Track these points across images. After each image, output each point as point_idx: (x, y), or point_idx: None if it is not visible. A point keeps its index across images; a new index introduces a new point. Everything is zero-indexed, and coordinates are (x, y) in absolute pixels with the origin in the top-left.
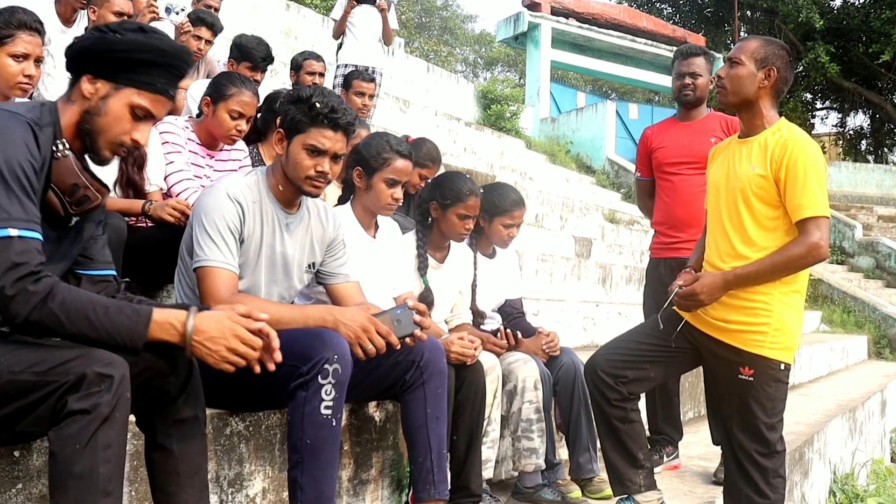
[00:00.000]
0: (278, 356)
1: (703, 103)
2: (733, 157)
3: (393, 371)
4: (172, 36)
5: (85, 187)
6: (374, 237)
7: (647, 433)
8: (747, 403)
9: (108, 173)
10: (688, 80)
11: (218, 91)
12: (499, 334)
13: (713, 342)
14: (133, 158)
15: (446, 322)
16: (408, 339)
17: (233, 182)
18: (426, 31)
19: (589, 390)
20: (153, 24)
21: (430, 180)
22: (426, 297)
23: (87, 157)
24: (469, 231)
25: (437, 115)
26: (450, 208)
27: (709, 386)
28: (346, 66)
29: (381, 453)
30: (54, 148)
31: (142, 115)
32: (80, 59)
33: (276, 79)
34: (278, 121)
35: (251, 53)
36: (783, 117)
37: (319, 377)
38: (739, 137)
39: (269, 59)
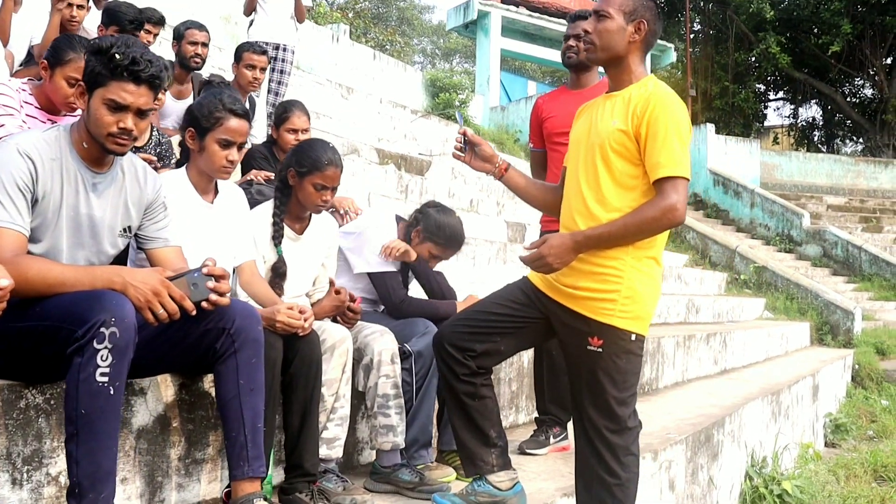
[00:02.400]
0: None
1: (593, 70)
2: (596, 112)
3: (203, 339)
4: (48, 6)
5: None
6: (212, 203)
7: (536, 413)
8: (596, 376)
9: None
10: (571, 42)
11: (55, 55)
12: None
13: (562, 310)
14: None
15: (308, 296)
16: (204, 304)
17: (26, 137)
18: (383, 21)
19: (437, 364)
20: None
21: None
22: (279, 268)
23: None
24: (326, 202)
25: (382, 102)
26: (307, 177)
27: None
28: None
29: (218, 431)
30: None
31: None
32: None
33: (212, 62)
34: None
35: (118, 17)
36: (653, 75)
37: (95, 342)
38: (607, 92)
39: (136, 22)
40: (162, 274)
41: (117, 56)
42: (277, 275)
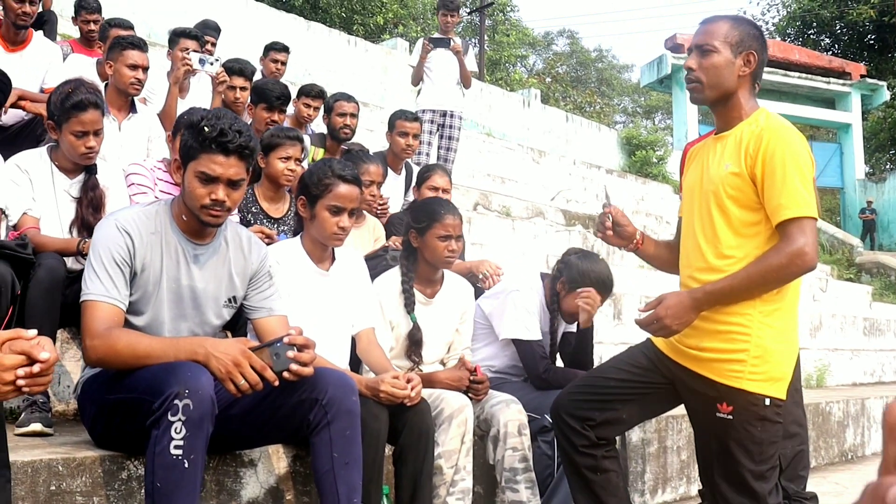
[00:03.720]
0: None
1: None
2: (707, 156)
3: (297, 410)
4: (210, 87)
5: None
6: (328, 271)
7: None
8: (727, 447)
9: (63, 215)
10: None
11: (175, 125)
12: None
13: (687, 374)
14: (88, 199)
15: (443, 363)
16: (285, 374)
17: (126, 212)
18: (582, 84)
19: (555, 435)
20: (188, 77)
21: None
22: (415, 335)
23: None
24: (455, 253)
25: (576, 164)
26: (428, 231)
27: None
28: (423, 111)
29: None
30: None
31: None
32: None
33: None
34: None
35: (266, 94)
36: (764, 108)
37: (169, 414)
38: (716, 134)
39: (283, 98)
40: (245, 344)
41: (206, 129)
42: (414, 342)
